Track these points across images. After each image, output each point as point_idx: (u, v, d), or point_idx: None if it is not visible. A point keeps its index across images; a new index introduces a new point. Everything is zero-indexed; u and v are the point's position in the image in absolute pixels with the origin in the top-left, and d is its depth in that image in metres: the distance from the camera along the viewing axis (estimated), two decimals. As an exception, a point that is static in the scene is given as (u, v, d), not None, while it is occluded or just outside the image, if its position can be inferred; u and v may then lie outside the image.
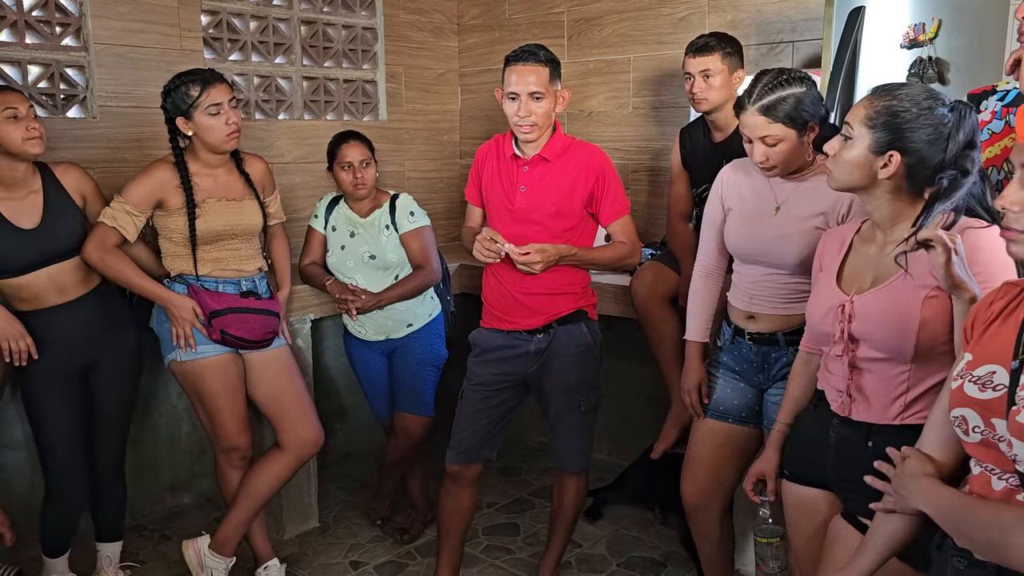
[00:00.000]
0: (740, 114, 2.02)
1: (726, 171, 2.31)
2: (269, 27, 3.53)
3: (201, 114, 2.52)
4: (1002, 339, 1.28)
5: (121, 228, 2.52)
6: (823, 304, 1.77)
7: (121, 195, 2.55)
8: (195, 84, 2.51)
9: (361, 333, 3.10)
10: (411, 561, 3.11)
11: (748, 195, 2.19)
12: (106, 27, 3.03)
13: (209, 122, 2.53)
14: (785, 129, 1.97)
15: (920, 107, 1.60)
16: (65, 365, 2.55)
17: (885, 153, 1.61)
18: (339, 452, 3.98)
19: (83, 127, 3.03)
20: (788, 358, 2.11)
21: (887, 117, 1.61)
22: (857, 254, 1.77)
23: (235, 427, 2.69)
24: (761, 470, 1.99)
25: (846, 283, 1.76)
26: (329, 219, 3.09)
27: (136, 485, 2.95)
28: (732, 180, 2.26)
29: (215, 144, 2.57)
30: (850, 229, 1.83)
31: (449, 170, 4.26)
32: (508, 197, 2.46)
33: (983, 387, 1.26)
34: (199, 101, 2.50)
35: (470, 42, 4.19)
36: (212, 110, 2.51)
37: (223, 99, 2.53)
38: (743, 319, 2.20)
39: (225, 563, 2.72)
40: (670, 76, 3.45)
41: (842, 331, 1.70)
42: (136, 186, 2.55)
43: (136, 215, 2.54)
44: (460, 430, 2.57)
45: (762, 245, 2.14)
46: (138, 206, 2.54)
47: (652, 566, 3.06)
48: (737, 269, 2.24)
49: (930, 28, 2.29)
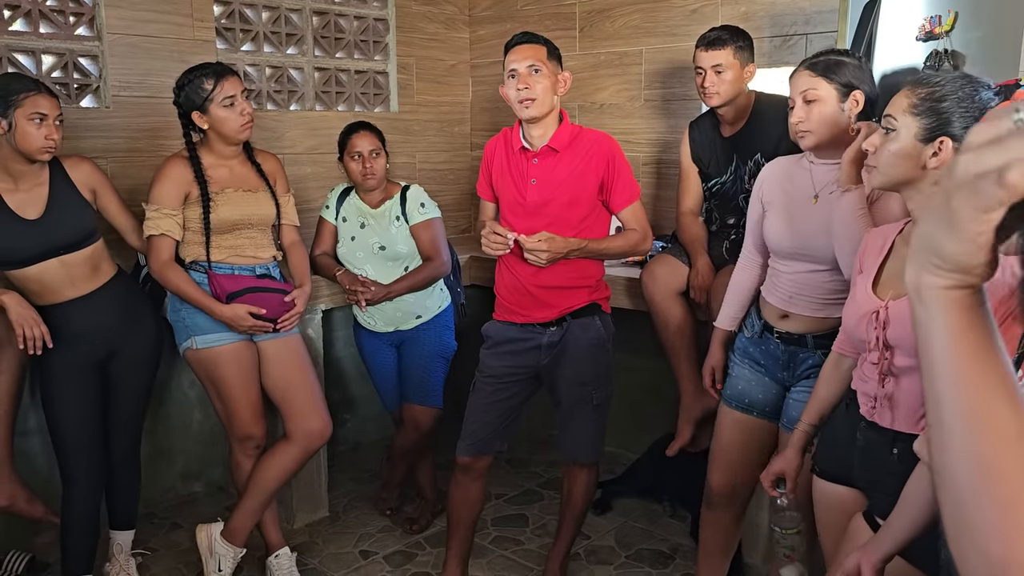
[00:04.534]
0: (791, 74, 2.05)
1: (766, 168, 2.30)
2: (281, 17, 3.52)
3: (216, 107, 2.54)
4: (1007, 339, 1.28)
5: (169, 233, 2.58)
6: (858, 309, 1.72)
7: (151, 201, 2.58)
8: (208, 77, 2.53)
9: (371, 324, 3.11)
10: (420, 551, 3.12)
11: (787, 188, 2.17)
12: (120, 17, 3.04)
13: (224, 114, 2.55)
14: (827, 87, 1.97)
15: (964, 91, 1.55)
16: (83, 358, 2.56)
17: (934, 140, 1.56)
18: (349, 442, 4.00)
19: (96, 116, 3.04)
20: (814, 360, 2.11)
21: (932, 103, 1.56)
22: (897, 256, 1.71)
23: (250, 416, 2.70)
24: (781, 469, 1.95)
25: (883, 287, 1.70)
26: (340, 210, 3.10)
27: (148, 473, 2.96)
28: (771, 175, 2.25)
29: (230, 135, 2.59)
30: (893, 230, 1.77)
31: (460, 162, 4.26)
32: (520, 191, 2.46)
33: None
34: (214, 94, 2.53)
35: (481, 33, 4.18)
36: (227, 102, 2.54)
37: (236, 91, 2.56)
38: (776, 317, 2.19)
39: (234, 552, 2.74)
40: (682, 69, 3.43)
41: (877, 338, 1.66)
42: (161, 188, 2.58)
43: (174, 214, 2.58)
44: (471, 422, 2.58)
45: (802, 238, 2.11)
46: (173, 206, 2.58)
47: (661, 558, 3.07)
48: (775, 267, 2.22)
49: (946, 21, 2.27)
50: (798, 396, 2.14)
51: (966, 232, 0.54)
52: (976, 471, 0.55)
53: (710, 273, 2.78)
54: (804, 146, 2.06)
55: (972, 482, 0.55)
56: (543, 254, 2.35)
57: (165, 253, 2.59)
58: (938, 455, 0.58)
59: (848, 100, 1.99)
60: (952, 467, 0.56)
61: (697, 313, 2.85)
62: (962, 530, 0.56)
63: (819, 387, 1.92)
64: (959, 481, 0.56)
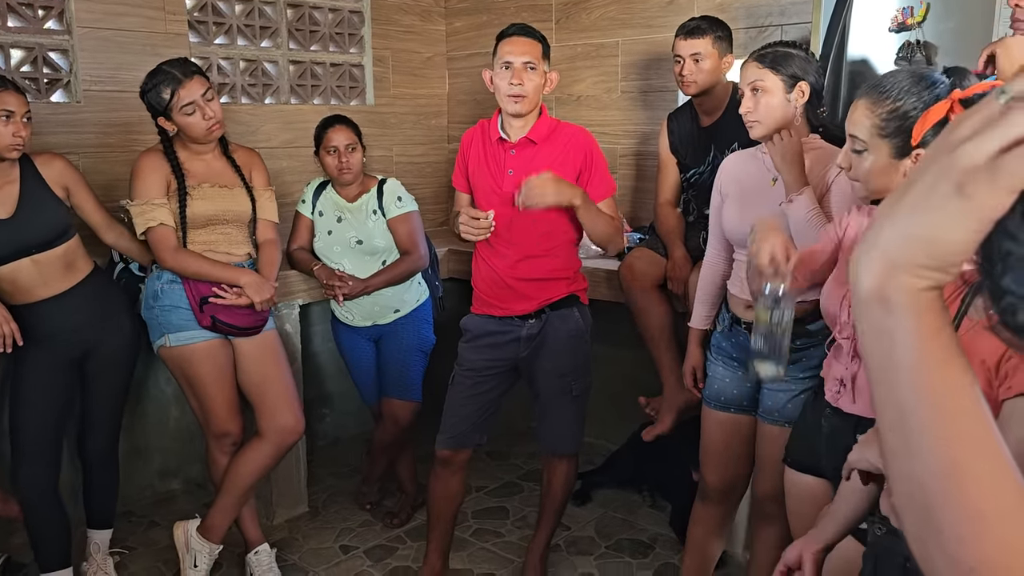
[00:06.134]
0: (741, 65, 2.10)
1: (725, 161, 2.33)
2: (255, 10, 3.49)
3: (178, 114, 2.52)
4: None
5: (164, 222, 2.55)
6: (836, 288, 1.75)
7: (135, 197, 2.56)
8: (165, 86, 2.50)
9: (348, 319, 3.10)
10: (401, 545, 3.12)
11: (744, 178, 2.20)
12: (89, 10, 3.00)
13: (187, 120, 2.53)
14: (774, 78, 2.02)
15: (925, 99, 1.52)
16: (57, 357, 2.53)
17: (910, 155, 1.56)
18: (328, 437, 3.99)
19: (67, 111, 3.00)
20: None
21: (898, 121, 1.54)
22: None
23: (226, 413, 2.68)
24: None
25: None
26: (316, 204, 3.08)
27: (125, 471, 2.93)
28: (729, 167, 2.29)
29: (197, 138, 2.58)
30: None
31: (437, 154, 4.25)
32: (496, 181, 2.46)
33: None
34: (172, 103, 2.50)
35: (458, 25, 4.16)
36: (187, 109, 2.51)
37: (196, 96, 2.51)
38: (742, 308, 2.21)
39: (210, 548, 2.72)
40: (659, 60, 3.44)
41: (848, 316, 1.69)
42: (143, 181, 2.56)
43: (165, 204, 2.56)
44: (451, 415, 2.58)
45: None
46: (157, 196, 2.55)
47: (641, 548, 3.08)
48: (737, 258, 2.25)
49: (918, 11, 2.29)
50: (772, 385, 2.16)
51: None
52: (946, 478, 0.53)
53: (687, 264, 2.80)
54: (753, 136, 2.11)
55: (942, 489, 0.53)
56: (550, 186, 2.25)
57: (171, 241, 2.56)
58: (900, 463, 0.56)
59: (794, 91, 2.04)
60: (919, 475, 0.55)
61: (675, 304, 2.87)
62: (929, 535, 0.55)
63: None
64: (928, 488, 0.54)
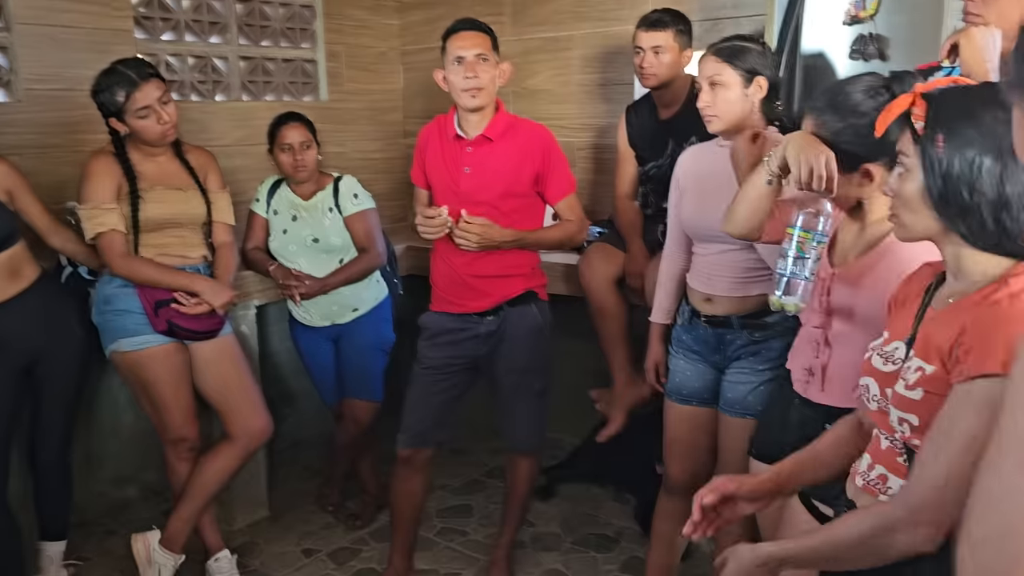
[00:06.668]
0: (700, 59, 2.11)
1: (683, 155, 2.34)
2: (203, 5, 3.41)
3: (131, 117, 2.46)
4: (906, 317, 1.32)
5: (114, 227, 2.48)
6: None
7: (84, 200, 2.49)
8: (120, 88, 2.43)
9: (306, 319, 3.05)
10: (364, 547, 3.09)
11: (701, 171, 2.21)
12: (29, 6, 2.90)
13: (140, 124, 2.47)
14: (732, 73, 2.03)
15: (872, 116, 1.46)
16: (4, 366, 2.45)
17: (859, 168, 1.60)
18: (288, 439, 3.92)
19: (7, 111, 2.90)
20: (742, 340, 2.15)
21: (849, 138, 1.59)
22: (844, 229, 1.75)
23: (182, 418, 2.63)
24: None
25: (837, 256, 1.73)
26: (271, 202, 3.03)
27: (78, 479, 2.86)
28: (687, 161, 2.30)
29: (150, 142, 2.52)
30: None
31: (393, 150, 4.20)
32: (453, 179, 2.43)
33: (886, 360, 1.30)
34: (127, 106, 2.44)
35: (411, 20, 4.12)
36: (141, 113, 2.45)
37: (151, 100, 2.45)
38: (701, 301, 2.22)
39: (174, 559, 2.67)
40: (615, 53, 3.43)
41: (820, 303, 1.70)
42: (92, 184, 2.49)
43: (114, 208, 2.49)
44: (410, 414, 2.56)
45: (714, 220, 2.14)
46: (109, 200, 2.49)
47: (606, 542, 3.09)
48: (696, 251, 2.26)
49: (870, 5, 2.31)
50: (733, 378, 2.18)
51: None
52: None
53: (645, 258, 2.80)
54: (712, 130, 2.12)
55: None
56: (474, 237, 2.32)
57: (120, 247, 2.50)
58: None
59: (752, 86, 2.05)
60: None
61: (632, 298, 2.87)
62: None
63: None
64: None
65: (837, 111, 1.60)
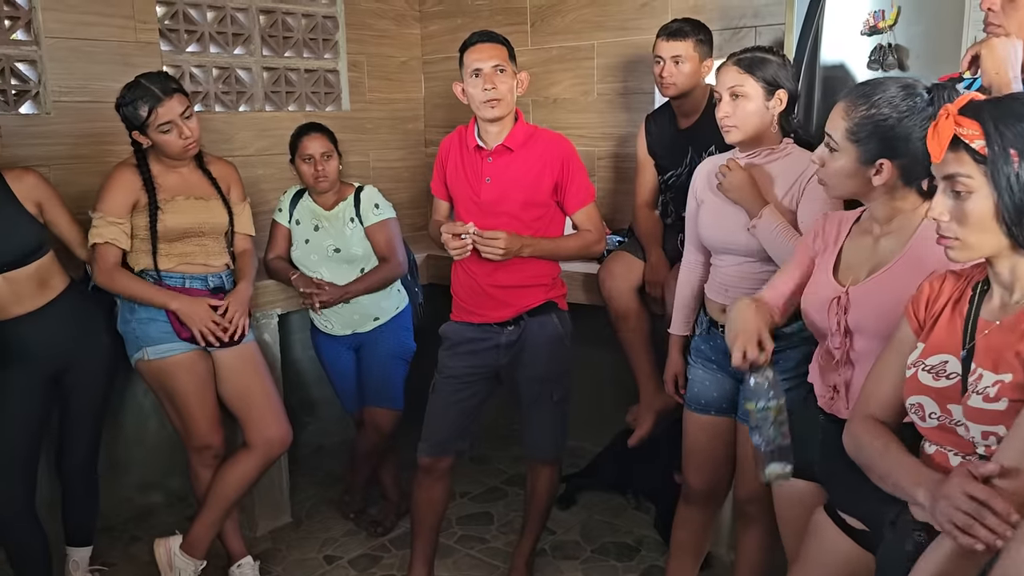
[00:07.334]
0: (719, 68, 2.11)
1: (700, 166, 2.34)
2: (227, 17, 3.46)
3: (154, 132, 2.49)
4: (951, 330, 1.31)
5: (114, 241, 2.52)
6: (819, 295, 1.74)
7: (97, 209, 2.53)
8: (144, 103, 2.46)
9: (328, 328, 3.08)
10: (385, 554, 3.10)
11: (715, 183, 2.20)
12: (58, 20, 2.95)
13: (163, 139, 2.51)
14: (754, 85, 2.04)
15: (899, 110, 1.58)
16: (33, 375, 2.50)
17: (875, 162, 1.60)
18: (310, 446, 3.96)
19: (37, 124, 2.96)
20: None
21: (870, 128, 1.59)
22: (854, 244, 1.74)
23: (207, 426, 2.67)
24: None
25: (843, 273, 1.73)
26: (293, 212, 3.06)
27: (104, 485, 2.90)
28: (704, 173, 2.29)
29: (173, 156, 2.56)
30: (850, 217, 1.80)
31: (414, 159, 4.23)
32: (474, 189, 2.45)
33: (937, 376, 1.30)
34: (149, 121, 2.47)
35: (432, 29, 4.15)
36: (164, 128, 2.49)
37: (174, 116, 2.49)
38: (718, 312, 2.22)
39: (195, 565, 2.69)
40: (635, 62, 3.44)
41: (838, 323, 1.68)
42: (108, 196, 2.53)
43: (120, 223, 2.53)
44: (431, 423, 2.57)
45: (731, 232, 2.15)
46: (119, 215, 2.53)
47: (626, 551, 3.08)
48: (714, 262, 2.27)
49: (889, 15, 2.30)
50: None
51: None
52: None
53: (664, 267, 2.80)
54: (730, 140, 2.12)
55: None
56: (499, 251, 2.33)
57: (110, 260, 2.54)
58: None
59: (773, 98, 2.06)
60: None
61: (653, 307, 2.87)
62: None
63: None
64: None
65: (868, 99, 1.61)
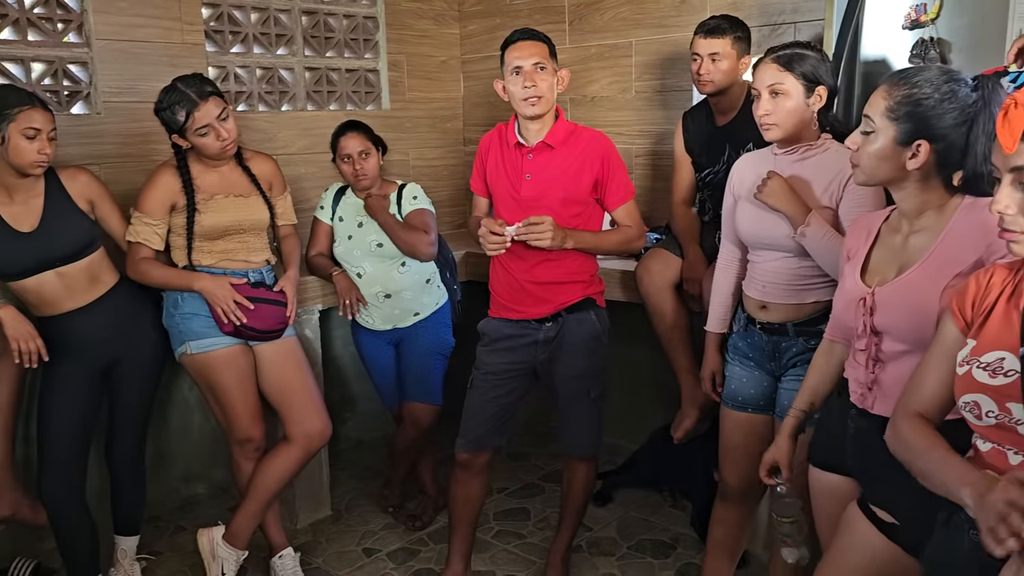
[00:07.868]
0: (756, 65, 2.09)
1: (738, 162, 2.34)
2: (270, 18, 3.52)
3: (192, 135, 2.55)
4: (1006, 326, 1.29)
5: (146, 241, 2.60)
6: (846, 296, 1.74)
7: (137, 207, 2.61)
8: (181, 107, 2.52)
9: (368, 323, 3.12)
10: (423, 547, 3.14)
11: (754, 180, 2.19)
12: (108, 23, 3.03)
13: (201, 141, 2.56)
14: (794, 82, 2.03)
15: (941, 91, 1.56)
16: (84, 369, 2.57)
17: (912, 143, 1.58)
18: (350, 440, 4.01)
19: (88, 123, 3.04)
20: (798, 347, 2.14)
21: (909, 106, 1.57)
22: (883, 244, 1.73)
23: (248, 419, 2.72)
24: (774, 458, 1.96)
25: (871, 274, 1.72)
26: (336, 209, 3.11)
27: (150, 476, 2.97)
28: (741, 168, 2.29)
29: (211, 156, 2.62)
30: (878, 217, 1.78)
31: (453, 157, 4.26)
32: (514, 186, 2.47)
33: (993, 373, 1.27)
34: (187, 125, 2.53)
35: (471, 28, 4.18)
36: (202, 131, 2.54)
37: (210, 119, 2.53)
38: (756, 308, 2.22)
39: (236, 555, 2.75)
40: (673, 60, 3.43)
41: (865, 324, 1.67)
42: (147, 196, 2.60)
43: (155, 224, 2.60)
44: (469, 419, 2.59)
45: (769, 228, 2.14)
46: (153, 215, 2.60)
47: (662, 548, 3.08)
48: (751, 259, 2.26)
49: (932, 8, 2.27)
50: (788, 385, 2.16)
51: None
52: None
53: (702, 264, 2.80)
54: (769, 138, 2.11)
55: None
56: (547, 232, 2.32)
57: (140, 255, 2.61)
58: None
59: (813, 95, 2.05)
60: None
61: (691, 304, 2.87)
62: None
63: (810, 375, 1.94)
64: None
65: (909, 80, 1.59)
